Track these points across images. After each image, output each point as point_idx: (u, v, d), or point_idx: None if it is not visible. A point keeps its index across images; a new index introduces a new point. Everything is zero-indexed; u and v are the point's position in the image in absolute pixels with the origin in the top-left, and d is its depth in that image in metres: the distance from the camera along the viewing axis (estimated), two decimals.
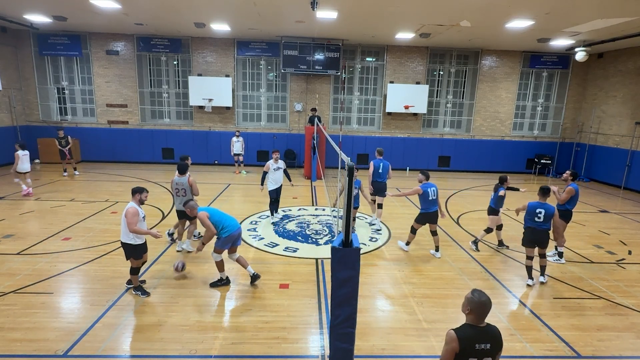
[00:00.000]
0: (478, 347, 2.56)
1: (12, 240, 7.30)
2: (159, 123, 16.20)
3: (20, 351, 4.23)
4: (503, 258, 7.36)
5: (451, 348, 2.57)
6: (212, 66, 15.60)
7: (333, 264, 3.26)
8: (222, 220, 5.62)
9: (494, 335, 2.64)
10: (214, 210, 5.75)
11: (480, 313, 2.60)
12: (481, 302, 2.59)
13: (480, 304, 2.59)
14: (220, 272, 5.85)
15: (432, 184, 7.21)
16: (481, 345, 2.57)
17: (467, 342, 2.56)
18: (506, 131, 16.74)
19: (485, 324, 2.65)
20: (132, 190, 5.38)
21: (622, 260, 7.46)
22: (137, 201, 5.32)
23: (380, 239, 8.16)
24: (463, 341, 2.55)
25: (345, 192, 3.20)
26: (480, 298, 2.60)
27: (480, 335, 2.59)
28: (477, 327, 2.62)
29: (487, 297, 2.63)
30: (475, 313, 2.60)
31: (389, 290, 5.96)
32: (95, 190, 11.30)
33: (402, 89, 15.61)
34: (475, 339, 2.58)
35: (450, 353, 2.58)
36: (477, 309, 2.59)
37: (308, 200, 11.10)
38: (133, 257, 5.35)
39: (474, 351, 2.56)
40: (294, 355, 4.34)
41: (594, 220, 10.06)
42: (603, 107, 15.35)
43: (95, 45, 15.18)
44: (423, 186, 7.16)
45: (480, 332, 2.61)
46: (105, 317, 4.91)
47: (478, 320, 2.63)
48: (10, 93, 14.73)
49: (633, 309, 5.61)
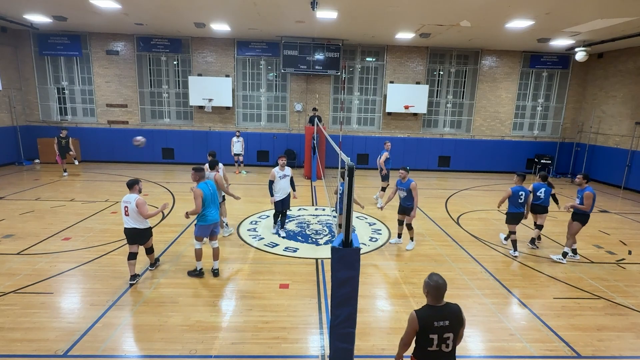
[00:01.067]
0: (437, 324, 2.85)
1: (12, 240, 7.30)
2: (159, 123, 16.20)
3: (20, 351, 4.23)
4: (503, 258, 7.36)
5: (411, 327, 2.91)
6: (212, 66, 15.60)
7: (333, 264, 3.25)
8: (207, 208, 5.93)
9: (453, 312, 2.92)
10: (208, 196, 5.95)
11: (436, 294, 2.91)
12: (437, 285, 2.90)
13: (436, 286, 2.90)
14: (197, 261, 6.11)
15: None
16: (440, 322, 2.86)
17: (426, 320, 2.86)
18: (506, 131, 16.74)
19: (444, 303, 2.94)
20: (130, 183, 5.75)
21: (622, 260, 7.47)
22: (137, 191, 5.74)
23: (380, 239, 8.16)
24: (422, 320, 2.87)
25: (345, 193, 3.20)
26: (436, 281, 2.92)
27: (439, 314, 2.89)
28: (435, 307, 2.92)
29: (443, 280, 2.95)
30: (432, 294, 2.92)
31: (389, 290, 5.96)
32: (95, 190, 11.30)
33: (402, 89, 15.61)
34: (434, 317, 2.87)
35: (410, 331, 2.92)
36: (433, 291, 2.91)
37: (308, 200, 11.10)
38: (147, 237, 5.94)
39: (434, 328, 2.85)
40: (294, 355, 4.34)
41: (594, 220, 10.05)
42: (603, 107, 15.35)
43: (95, 45, 15.19)
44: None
45: (439, 310, 2.91)
46: (105, 317, 4.91)
47: (436, 300, 2.92)
48: (10, 93, 14.73)
49: (633, 309, 5.61)
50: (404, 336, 3.00)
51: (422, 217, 9.85)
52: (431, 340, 2.87)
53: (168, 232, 8.03)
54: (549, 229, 9.09)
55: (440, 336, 2.86)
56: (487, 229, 9.01)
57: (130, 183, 5.76)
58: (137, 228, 5.71)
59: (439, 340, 2.87)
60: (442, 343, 2.88)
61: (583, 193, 6.94)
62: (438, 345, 2.88)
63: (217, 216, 6.08)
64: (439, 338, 2.86)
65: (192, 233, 7.73)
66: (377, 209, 9.41)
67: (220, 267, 6.37)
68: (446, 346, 2.90)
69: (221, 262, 6.62)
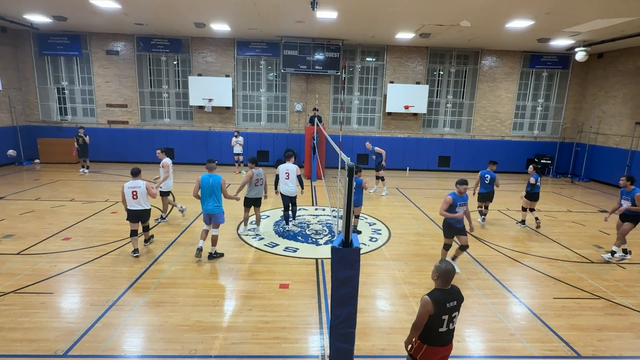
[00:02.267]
0: (448, 305, 3.15)
1: (12, 240, 7.30)
2: (159, 123, 16.20)
3: (20, 351, 4.23)
4: (503, 258, 7.37)
5: (426, 310, 3.09)
6: (212, 66, 15.61)
7: (333, 264, 3.25)
8: (203, 197, 6.59)
9: (457, 292, 3.27)
10: (205, 186, 6.53)
11: (447, 278, 3.19)
12: (447, 270, 3.18)
13: (446, 271, 3.18)
14: (200, 239, 6.76)
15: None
16: (450, 303, 3.16)
17: (440, 302, 3.11)
18: (506, 131, 16.74)
19: (450, 286, 3.24)
20: (136, 171, 6.74)
21: (622, 260, 7.46)
22: (141, 178, 6.79)
23: (380, 239, 8.16)
24: (436, 302, 3.10)
25: (345, 193, 3.20)
26: (446, 266, 3.20)
27: (449, 296, 3.19)
28: (444, 290, 3.21)
29: (452, 266, 3.24)
30: (442, 279, 3.19)
31: (389, 290, 5.96)
32: (95, 190, 11.30)
33: (402, 89, 15.61)
34: (446, 299, 3.15)
35: (425, 315, 3.11)
36: (444, 275, 3.18)
37: (308, 200, 11.10)
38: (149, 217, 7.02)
39: (446, 309, 3.13)
40: (294, 355, 4.34)
41: (594, 220, 10.06)
42: (603, 107, 15.35)
43: (95, 45, 15.19)
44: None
45: (448, 293, 3.20)
46: (105, 317, 4.91)
47: (445, 284, 3.20)
48: (10, 93, 14.73)
49: (633, 309, 5.61)
50: (417, 321, 3.16)
51: (422, 217, 9.85)
52: (442, 321, 3.13)
53: (168, 233, 8.04)
54: (547, 229, 9.10)
55: (450, 315, 3.15)
56: (487, 229, 9.01)
57: (136, 171, 6.75)
58: (143, 209, 6.70)
59: (448, 320, 3.16)
60: (450, 322, 3.18)
61: (634, 195, 7.11)
62: (447, 325, 3.16)
63: (211, 208, 6.59)
64: (448, 318, 3.15)
65: (191, 233, 8.07)
66: (376, 209, 9.42)
67: (220, 267, 6.41)
68: (452, 324, 3.22)
69: (221, 262, 6.66)
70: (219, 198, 6.64)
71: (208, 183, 6.53)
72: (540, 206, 11.31)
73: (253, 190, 7.71)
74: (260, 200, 7.90)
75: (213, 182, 6.55)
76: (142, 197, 6.61)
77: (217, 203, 6.62)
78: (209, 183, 6.53)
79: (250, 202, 7.83)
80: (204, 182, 6.54)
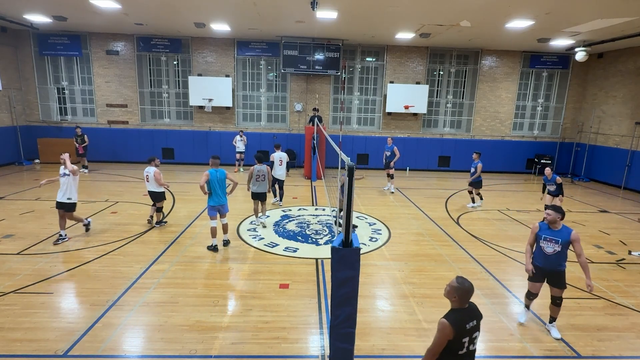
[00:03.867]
0: (468, 326, 2.82)
1: (12, 240, 7.30)
2: (159, 123, 16.20)
3: (20, 351, 4.23)
4: (503, 258, 7.36)
5: (444, 335, 2.77)
6: (212, 66, 15.60)
7: (333, 264, 3.25)
8: (213, 191, 7.00)
9: (475, 310, 2.95)
10: (214, 180, 6.93)
11: (467, 298, 2.86)
12: (469, 289, 2.85)
13: (468, 290, 2.85)
14: (212, 237, 7.13)
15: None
16: (470, 324, 2.84)
17: (459, 325, 2.79)
18: (506, 131, 16.74)
19: (468, 305, 2.91)
20: (150, 159, 8.14)
21: (622, 260, 7.46)
22: (153, 165, 8.09)
23: (380, 239, 8.16)
24: (456, 325, 2.77)
25: (345, 193, 3.20)
26: (468, 286, 2.86)
27: (467, 316, 2.86)
28: (462, 310, 2.87)
29: (469, 283, 2.88)
30: (462, 298, 2.85)
31: (389, 290, 5.96)
32: (95, 190, 11.30)
33: (402, 89, 15.61)
34: (465, 320, 2.83)
35: (443, 340, 2.78)
36: (465, 295, 2.85)
37: (308, 200, 11.10)
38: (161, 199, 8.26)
39: (466, 331, 2.81)
40: (294, 355, 4.34)
41: (594, 220, 10.06)
42: (603, 107, 15.35)
43: (95, 45, 15.19)
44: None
45: (466, 313, 2.87)
46: (105, 317, 4.91)
47: (463, 303, 2.87)
48: (10, 93, 14.73)
49: (633, 309, 5.61)
50: (433, 347, 2.84)
51: (422, 217, 9.85)
52: (463, 344, 2.82)
53: (168, 233, 8.03)
54: None
55: (471, 336, 2.86)
56: (487, 229, 9.01)
57: (150, 159, 8.16)
58: (154, 191, 8.08)
59: (469, 342, 2.86)
60: (471, 343, 2.88)
61: None
62: (467, 347, 2.86)
63: (220, 199, 7.06)
64: (469, 340, 2.85)
65: (191, 234, 8.06)
66: (376, 209, 9.43)
67: (220, 267, 6.42)
68: (473, 345, 2.91)
69: (221, 262, 6.66)
70: (225, 190, 7.20)
71: (216, 177, 6.99)
72: (541, 206, 11.32)
73: (254, 185, 8.34)
74: (265, 195, 8.48)
75: (220, 175, 7.04)
76: (152, 181, 8.02)
77: (224, 194, 7.19)
78: (217, 177, 7.00)
79: (254, 196, 8.47)
80: (212, 176, 6.95)
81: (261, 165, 8.34)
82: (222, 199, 7.13)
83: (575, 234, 4.55)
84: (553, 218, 4.61)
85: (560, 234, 4.60)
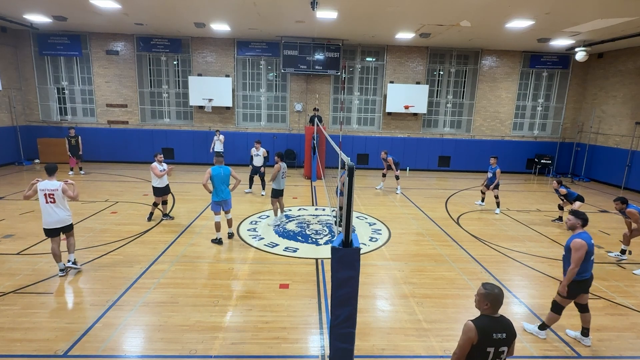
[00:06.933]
0: (495, 336, 2.67)
1: (12, 240, 7.30)
2: (159, 123, 16.20)
3: (20, 351, 4.23)
4: (503, 258, 7.36)
5: (468, 338, 2.67)
6: (212, 66, 15.60)
7: (333, 264, 3.25)
8: (216, 187, 7.26)
9: (508, 325, 2.77)
10: (217, 176, 7.19)
11: (497, 305, 2.74)
12: (499, 295, 2.73)
13: (498, 297, 2.73)
14: (217, 231, 7.45)
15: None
16: (498, 335, 2.67)
17: (485, 331, 2.67)
18: (506, 131, 16.74)
19: (499, 315, 2.78)
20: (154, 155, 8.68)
21: (622, 260, 7.46)
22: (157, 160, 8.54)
23: (380, 239, 8.16)
24: (481, 330, 2.66)
25: (345, 194, 3.20)
26: (498, 291, 2.74)
27: (497, 325, 2.71)
28: (493, 318, 2.75)
29: (499, 289, 2.77)
30: (493, 305, 2.74)
31: (389, 290, 5.96)
32: (95, 190, 11.29)
33: (402, 89, 15.61)
34: (493, 329, 2.69)
35: (468, 343, 2.68)
36: (495, 302, 2.73)
37: (308, 200, 11.10)
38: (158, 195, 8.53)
39: (492, 340, 2.66)
40: (294, 355, 4.34)
41: (594, 220, 10.06)
42: (603, 107, 15.35)
43: (95, 45, 15.18)
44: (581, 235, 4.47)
45: (496, 322, 2.73)
46: (105, 317, 4.91)
47: (494, 311, 2.76)
48: (10, 93, 14.73)
49: (633, 309, 5.61)
50: (458, 350, 2.73)
51: (422, 217, 9.85)
52: (487, 355, 2.68)
53: (168, 233, 8.03)
54: (547, 229, 9.10)
55: (497, 349, 2.68)
56: (487, 229, 9.01)
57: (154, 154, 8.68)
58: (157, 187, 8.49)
59: (494, 355, 2.69)
60: (497, 358, 2.70)
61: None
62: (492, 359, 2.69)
63: (224, 195, 7.34)
64: (495, 352, 2.68)
65: (191, 234, 8.07)
66: (376, 209, 9.43)
67: (220, 267, 6.43)
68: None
69: (221, 263, 6.67)
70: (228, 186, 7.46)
71: (220, 174, 7.23)
72: (541, 206, 11.34)
73: (280, 182, 8.62)
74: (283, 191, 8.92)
75: (224, 172, 7.31)
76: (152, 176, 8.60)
77: (228, 190, 7.45)
78: (221, 174, 7.25)
79: (279, 194, 8.71)
80: (216, 173, 7.18)
81: (283, 162, 8.70)
82: (225, 195, 7.36)
83: (575, 243, 4.36)
84: (573, 224, 4.52)
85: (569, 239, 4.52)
